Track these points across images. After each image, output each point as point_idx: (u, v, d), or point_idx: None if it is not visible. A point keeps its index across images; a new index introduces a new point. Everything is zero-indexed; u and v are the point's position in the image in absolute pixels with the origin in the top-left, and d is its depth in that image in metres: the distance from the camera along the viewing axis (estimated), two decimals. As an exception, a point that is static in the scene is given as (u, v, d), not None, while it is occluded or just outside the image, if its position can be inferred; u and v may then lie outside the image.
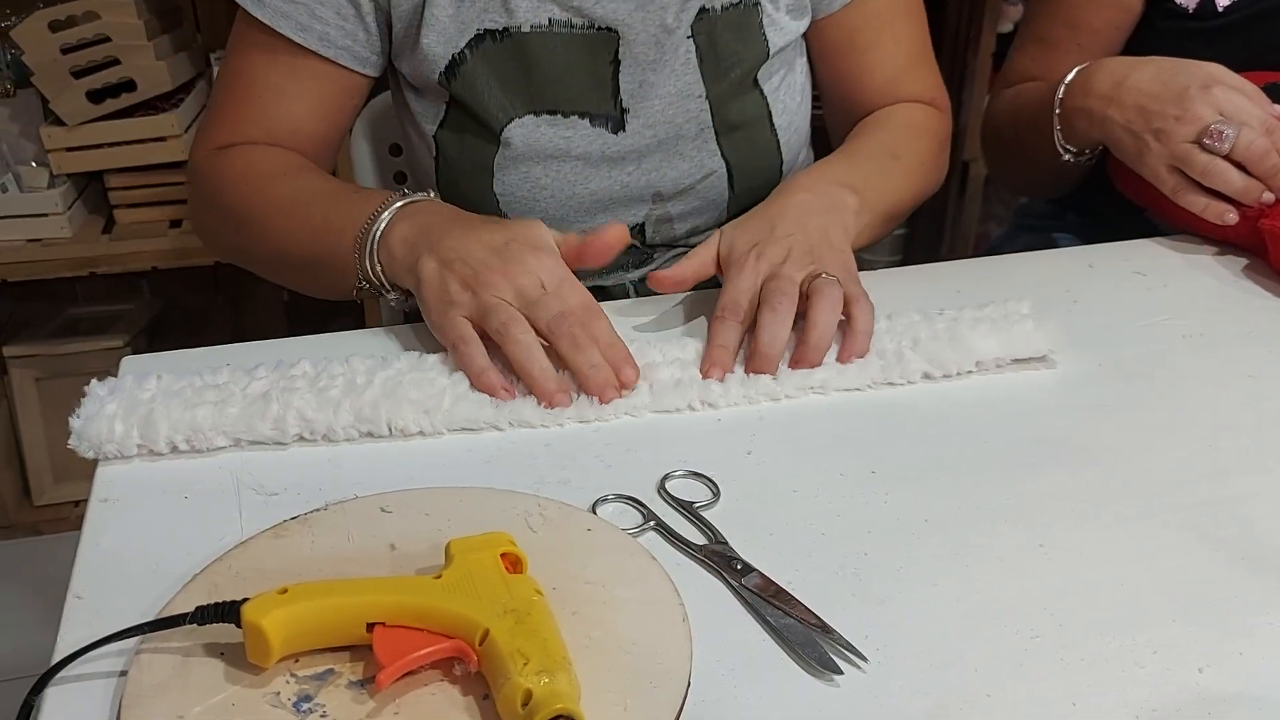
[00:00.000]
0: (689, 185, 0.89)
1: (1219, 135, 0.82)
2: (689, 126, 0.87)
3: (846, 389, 0.70)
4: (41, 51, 1.58)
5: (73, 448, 0.63)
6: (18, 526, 1.83)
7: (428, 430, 0.66)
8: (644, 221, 0.90)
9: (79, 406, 0.65)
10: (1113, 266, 0.86)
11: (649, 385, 0.68)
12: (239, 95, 0.86)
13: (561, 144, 0.85)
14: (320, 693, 0.47)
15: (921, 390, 0.70)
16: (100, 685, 0.49)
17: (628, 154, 0.87)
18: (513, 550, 0.50)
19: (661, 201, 0.89)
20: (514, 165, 0.85)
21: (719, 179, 0.89)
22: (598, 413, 0.67)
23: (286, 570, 0.53)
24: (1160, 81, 0.86)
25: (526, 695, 0.43)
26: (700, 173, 0.88)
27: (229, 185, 0.84)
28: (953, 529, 0.58)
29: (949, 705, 0.48)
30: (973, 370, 0.71)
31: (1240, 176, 0.82)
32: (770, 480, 0.62)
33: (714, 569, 0.56)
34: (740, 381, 0.69)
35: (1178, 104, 0.84)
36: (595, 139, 0.86)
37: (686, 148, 0.88)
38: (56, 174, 1.65)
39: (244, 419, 0.64)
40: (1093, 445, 0.65)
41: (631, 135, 0.86)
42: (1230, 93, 0.84)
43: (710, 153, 0.88)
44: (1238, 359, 0.74)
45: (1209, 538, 0.58)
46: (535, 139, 0.85)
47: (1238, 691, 0.49)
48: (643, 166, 0.87)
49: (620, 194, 0.88)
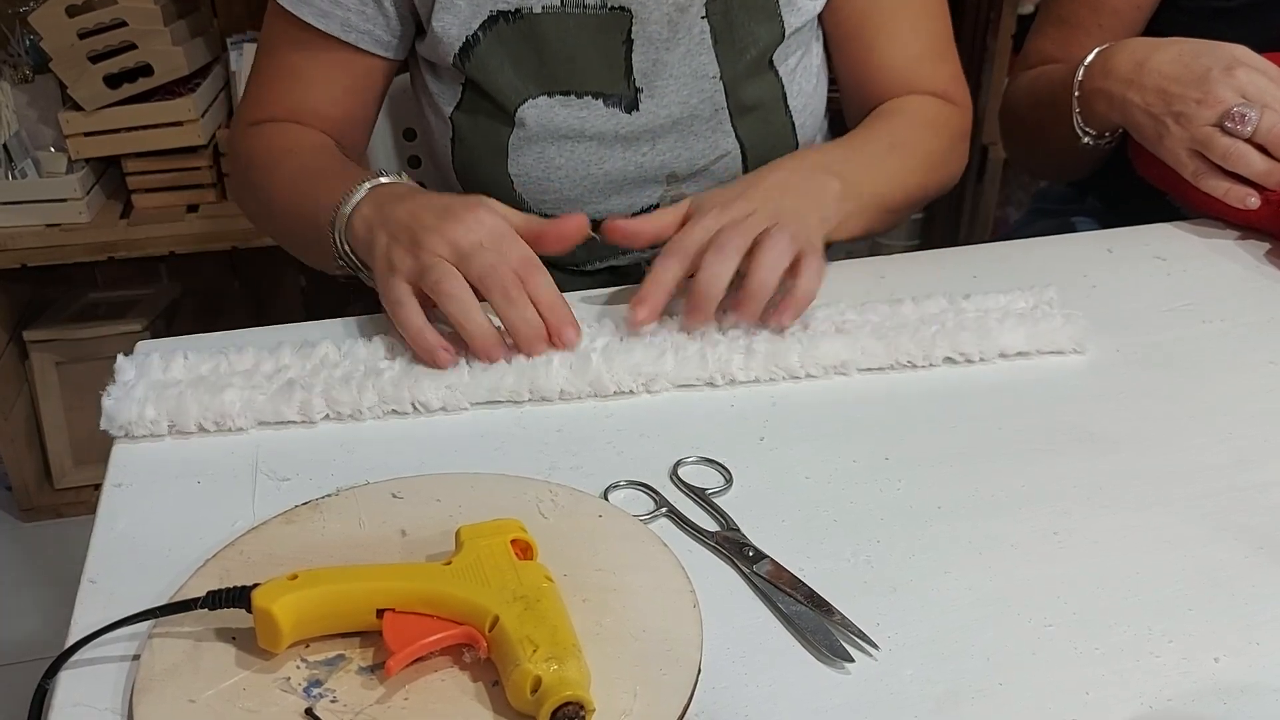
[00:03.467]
0: (703, 166, 0.88)
1: (1241, 118, 0.81)
2: (703, 107, 0.86)
3: (869, 368, 0.69)
4: (59, 37, 1.58)
5: (104, 429, 0.64)
6: (39, 509, 1.85)
7: (450, 405, 0.66)
8: (659, 203, 0.90)
9: (109, 386, 0.66)
10: (1132, 251, 0.85)
11: (673, 355, 0.68)
12: (269, 76, 0.88)
13: (575, 124, 0.85)
14: (330, 678, 0.47)
15: (936, 376, 0.70)
16: (113, 669, 0.49)
17: (641, 134, 0.86)
18: (523, 537, 0.50)
19: (676, 183, 0.89)
20: (528, 146, 0.85)
21: (733, 160, 0.89)
22: (617, 384, 0.67)
23: (298, 555, 0.53)
24: (1181, 64, 0.84)
25: (536, 682, 0.43)
26: (714, 154, 0.88)
27: (255, 160, 0.86)
28: (966, 516, 0.58)
29: (961, 694, 0.48)
30: (998, 359, 0.70)
31: (1263, 160, 0.81)
32: (783, 467, 0.62)
33: (726, 556, 0.55)
34: (762, 357, 0.68)
35: (1199, 86, 0.83)
36: (609, 119, 0.85)
37: (701, 128, 0.87)
38: (75, 159, 1.65)
39: (270, 402, 0.64)
40: (1110, 432, 0.64)
41: (645, 115, 0.86)
42: (1254, 74, 0.82)
43: (725, 134, 0.88)
44: (1259, 345, 0.73)
45: (1227, 526, 0.57)
46: (549, 119, 0.85)
47: (1255, 682, 0.48)
48: (657, 147, 0.87)
49: (635, 175, 0.88)
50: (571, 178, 0.86)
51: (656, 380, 0.67)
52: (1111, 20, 1.00)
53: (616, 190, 0.88)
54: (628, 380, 0.67)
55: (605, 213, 0.87)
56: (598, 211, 0.87)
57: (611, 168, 0.87)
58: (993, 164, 1.98)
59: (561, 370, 0.67)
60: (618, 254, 0.92)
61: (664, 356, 0.68)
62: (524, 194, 0.87)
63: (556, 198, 0.87)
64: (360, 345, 0.70)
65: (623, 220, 0.74)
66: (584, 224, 0.72)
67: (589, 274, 0.93)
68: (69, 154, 1.64)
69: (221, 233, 1.68)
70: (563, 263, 0.91)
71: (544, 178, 0.86)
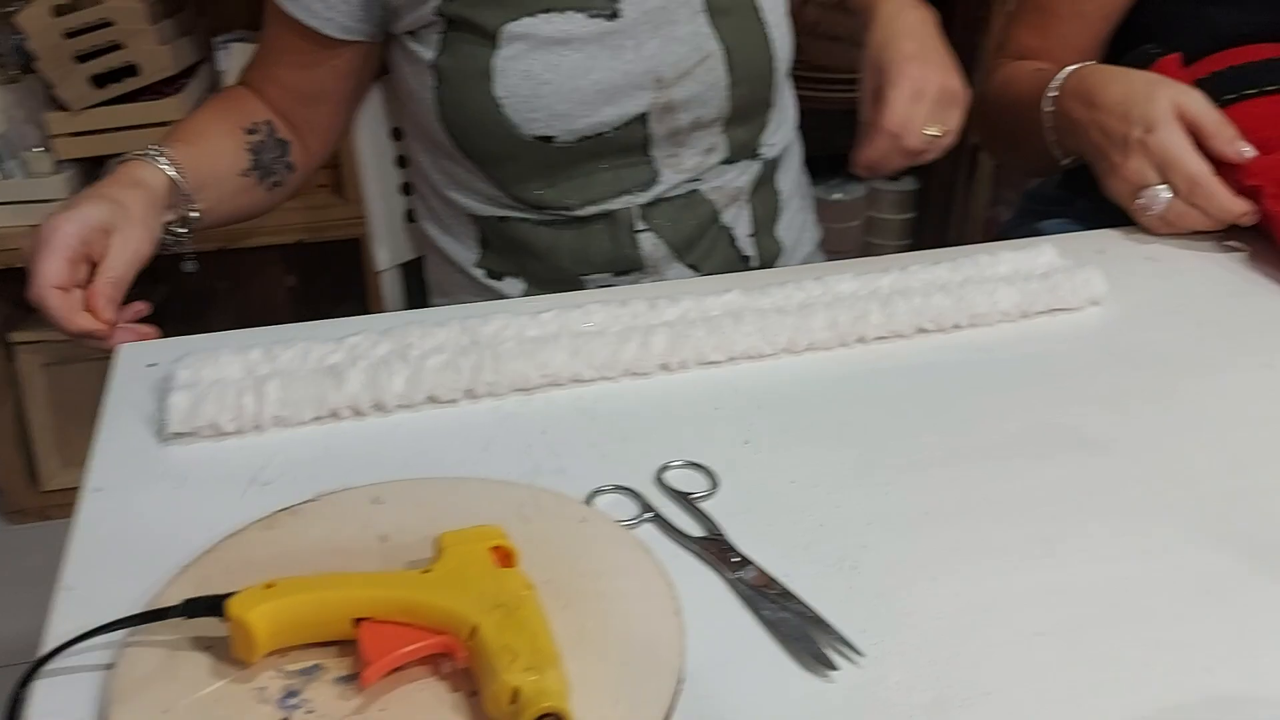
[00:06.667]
0: (687, 69, 0.89)
1: (1147, 205, 0.83)
2: (681, 10, 0.88)
3: (868, 338, 0.72)
4: (45, 36, 1.57)
5: (177, 431, 0.63)
6: (26, 511, 1.84)
7: (479, 391, 0.67)
8: (648, 111, 0.90)
9: (173, 391, 0.65)
10: (1124, 252, 0.84)
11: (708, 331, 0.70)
12: (256, 52, 0.95)
13: (560, 37, 0.86)
14: (307, 688, 0.46)
15: (924, 379, 0.69)
16: (88, 677, 0.48)
17: (624, 40, 0.87)
18: (504, 543, 0.50)
19: (664, 88, 0.89)
20: (513, 65, 0.86)
21: (716, 61, 0.90)
22: (635, 363, 0.68)
23: (276, 562, 0.52)
24: (1118, 113, 0.85)
25: (514, 693, 0.43)
26: (697, 55, 0.89)
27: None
28: (954, 521, 0.57)
29: (947, 702, 0.47)
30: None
31: (1202, 217, 0.82)
32: (769, 470, 0.61)
33: (710, 561, 0.55)
34: (762, 330, 0.70)
35: (1121, 150, 0.84)
36: (592, 28, 0.87)
37: (680, 31, 0.89)
38: (61, 159, 1.64)
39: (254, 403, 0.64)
40: (1101, 437, 0.64)
41: (627, 19, 0.87)
42: (1171, 136, 0.82)
43: (705, 35, 0.89)
44: (1252, 348, 0.73)
45: (1221, 533, 0.57)
46: (532, 35, 0.86)
47: (1247, 692, 0.47)
48: (641, 53, 0.88)
49: (622, 81, 0.88)
50: (559, 91, 0.87)
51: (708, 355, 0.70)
52: (1090, 7, 0.99)
53: (606, 99, 0.88)
54: (651, 360, 0.69)
55: (596, 125, 0.88)
56: (589, 124, 0.88)
57: (599, 76, 0.87)
58: (983, 164, 1.98)
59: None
60: (610, 195, 0.92)
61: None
62: (512, 115, 0.87)
63: (546, 113, 0.87)
64: (346, 342, 0.69)
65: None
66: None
67: (583, 220, 0.93)
68: (55, 154, 1.63)
69: (208, 233, 1.66)
70: (559, 208, 0.92)
71: (532, 94, 0.87)
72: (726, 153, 0.95)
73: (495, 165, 0.91)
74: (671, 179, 0.93)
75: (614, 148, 0.90)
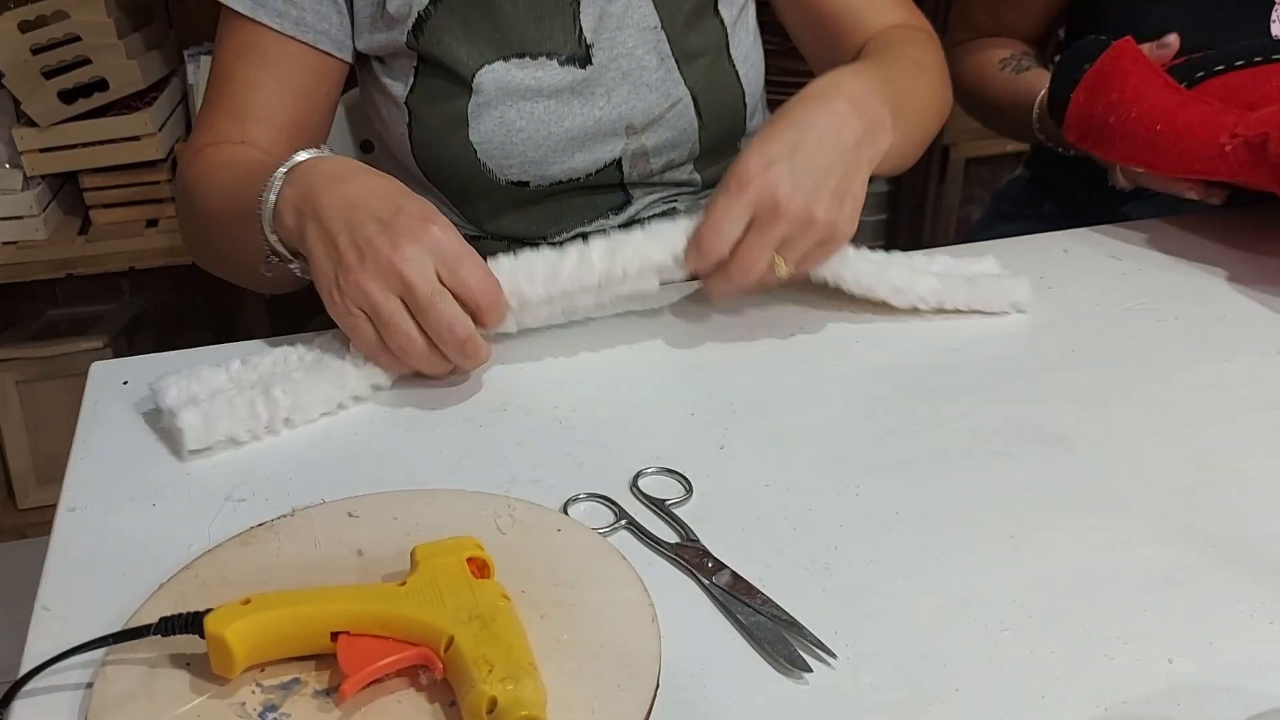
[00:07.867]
0: (658, 115, 0.90)
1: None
2: (649, 57, 0.89)
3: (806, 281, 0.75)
4: (11, 52, 1.56)
5: (194, 449, 0.63)
6: (3, 530, 1.82)
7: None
8: (620, 157, 0.91)
9: (181, 411, 0.64)
10: (1087, 251, 0.86)
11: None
12: (219, 94, 0.86)
13: (532, 84, 0.86)
14: (286, 702, 0.46)
15: (893, 381, 0.70)
16: (67, 697, 0.49)
17: (596, 87, 0.88)
18: (479, 554, 0.50)
19: (635, 134, 0.90)
20: (487, 111, 0.86)
21: (686, 107, 0.91)
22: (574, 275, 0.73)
23: (253, 578, 0.52)
24: None
25: (491, 703, 0.43)
26: (667, 101, 0.90)
27: (194, 182, 0.83)
28: (924, 521, 0.58)
29: (918, 701, 0.48)
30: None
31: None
32: (743, 475, 0.62)
33: (685, 567, 0.55)
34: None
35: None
36: (564, 76, 0.87)
37: (650, 77, 0.89)
38: (30, 175, 1.63)
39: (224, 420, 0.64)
40: (1066, 433, 0.65)
41: (598, 68, 0.88)
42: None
43: (674, 81, 0.90)
44: (1213, 345, 0.74)
45: (1181, 527, 0.58)
46: (506, 83, 0.86)
47: (1208, 683, 0.49)
48: (613, 100, 0.89)
49: (594, 129, 0.89)
50: (533, 139, 0.87)
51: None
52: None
53: (579, 147, 0.89)
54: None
55: (569, 171, 0.89)
56: (563, 170, 0.89)
57: (572, 124, 0.88)
58: (954, 164, 2.00)
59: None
60: (583, 221, 0.93)
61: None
62: (488, 161, 0.87)
63: (521, 160, 0.87)
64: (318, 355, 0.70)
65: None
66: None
67: (557, 245, 0.93)
68: (24, 170, 1.62)
69: (182, 247, 1.66)
70: (532, 238, 0.92)
71: (506, 141, 0.87)
72: (700, 185, 0.96)
73: (467, 202, 0.92)
74: (644, 199, 0.94)
75: (587, 189, 0.91)
